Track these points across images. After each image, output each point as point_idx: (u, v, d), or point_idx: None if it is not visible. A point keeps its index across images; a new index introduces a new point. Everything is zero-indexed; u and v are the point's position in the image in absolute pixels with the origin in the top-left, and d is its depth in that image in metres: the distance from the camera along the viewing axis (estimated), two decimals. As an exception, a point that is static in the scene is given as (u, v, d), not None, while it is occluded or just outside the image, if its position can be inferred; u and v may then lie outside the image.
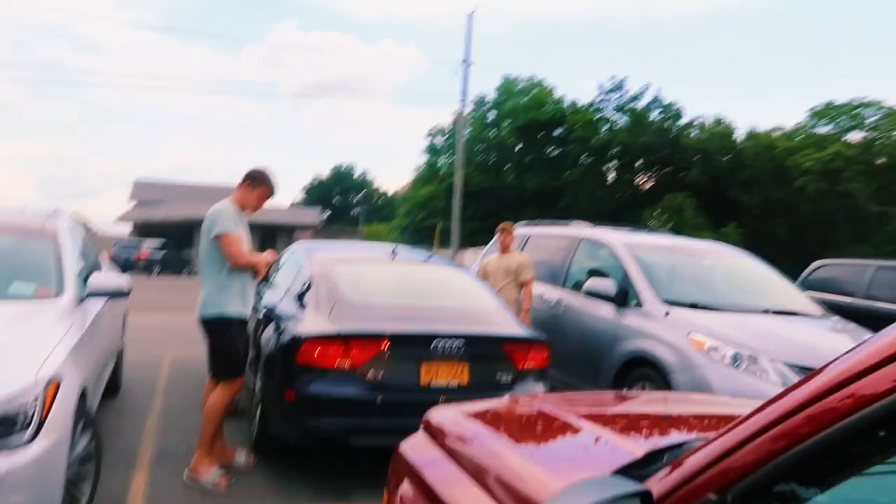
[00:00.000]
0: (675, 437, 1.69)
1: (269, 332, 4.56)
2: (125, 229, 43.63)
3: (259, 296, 5.57)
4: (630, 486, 1.05)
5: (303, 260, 5.15)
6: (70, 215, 4.96)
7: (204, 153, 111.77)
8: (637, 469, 1.38)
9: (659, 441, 1.62)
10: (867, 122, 38.44)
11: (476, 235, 37.19)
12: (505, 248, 6.65)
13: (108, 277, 4.26)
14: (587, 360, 5.75)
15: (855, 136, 38.66)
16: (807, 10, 77.05)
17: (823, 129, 39.69)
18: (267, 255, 4.37)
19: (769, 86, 78.24)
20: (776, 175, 37.17)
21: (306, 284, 4.73)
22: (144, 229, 40.11)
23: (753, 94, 76.09)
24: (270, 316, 4.75)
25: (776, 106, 78.41)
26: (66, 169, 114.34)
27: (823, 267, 9.22)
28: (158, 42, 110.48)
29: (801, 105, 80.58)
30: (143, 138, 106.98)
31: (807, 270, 9.30)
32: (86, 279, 4.14)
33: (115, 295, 4.23)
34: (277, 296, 5.21)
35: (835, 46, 75.12)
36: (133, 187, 51.14)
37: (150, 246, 31.16)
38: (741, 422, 1.04)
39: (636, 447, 1.54)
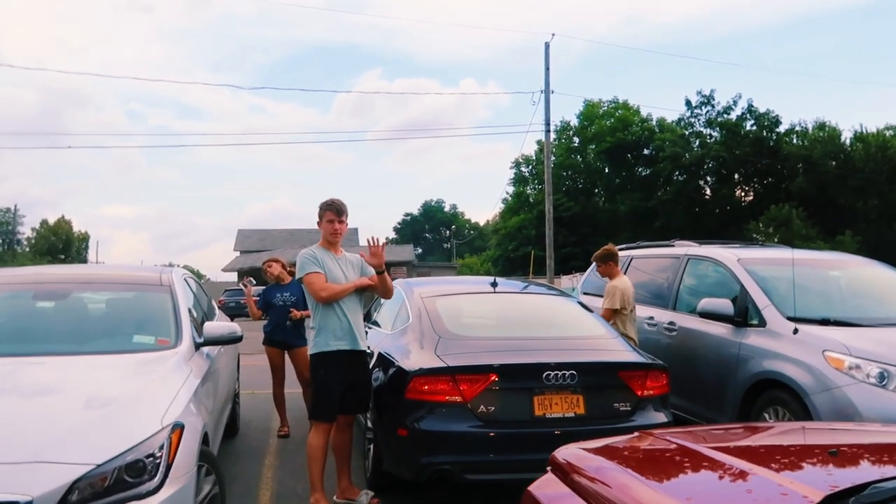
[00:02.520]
0: (853, 475, 1.46)
1: (377, 369, 4.54)
2: (232, 277, 45.98)
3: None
4: None
5: (404, 296, 5.13)
6: (182, 269, 5.18)
7: (299, 199, 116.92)
8: None
9: (833, 480, 1.41)
10: None
11: (570, 261, 36.56)
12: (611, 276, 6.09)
13: (221, 325, 4.39)
14: (708, 385, 5.38)
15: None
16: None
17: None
18: (352, 283, 4.27)
19: (871, 84, 73.58)
20: (892, 177, 34.53)
21: (410, 320, 4.70)
22: (249, 276, 42.05)
23: (855, 95, 71.71)
24: (376, 354, 4.74)
25: (882, 104, 73.50)
26: (177, 224, 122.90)
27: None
28: (252, 102, 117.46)
29: (911, 100, 74.95)
30: (244, 191, 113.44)
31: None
32: (200, 327, 4.28)
33: (229, 341, 4.34)
34: (382, 333, 5.21)
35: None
36: (236, 237, 54.00)
37: (256, 292, 32.54)
38: None
39: (810, 490, 1.33)
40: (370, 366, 4.57)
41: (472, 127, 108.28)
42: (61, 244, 69.16)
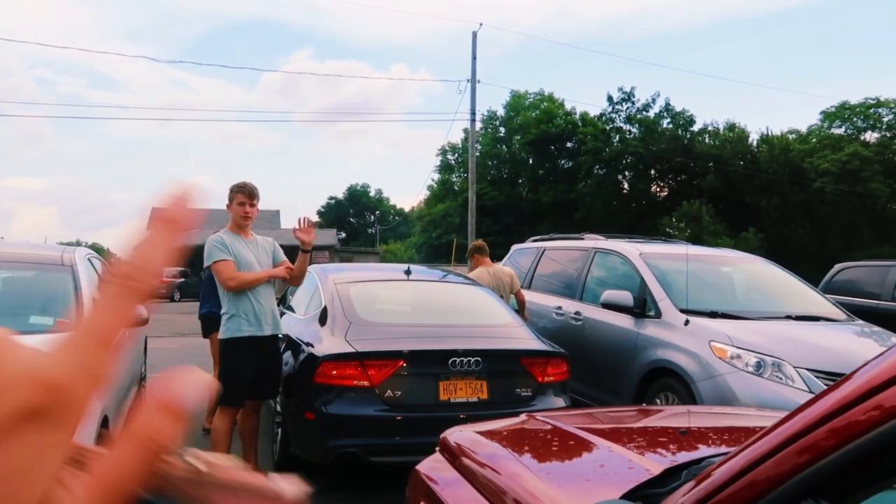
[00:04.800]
0: (695, 452, 1.66)
1: (287, 354, 4.58)
2: (145, 257, 44.17)
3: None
4: None
5: (318, 282, 5.17)
6: (86, 248, 5.02)
7: (220, 178, 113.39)
8: (654, 486, 1.35)
9: (677, 457, 1.60)
10: (884, 121, 38.03)
11: (493, 249, 37.02)
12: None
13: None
14: (607, 372, 5.69)
15: (871, 136, 38.27)
16: (809, 12, 77.01)
17: (839, 130, 39.31)
18: (264, 273, 4.25)
19: (778, 90, 78.10)
20: (793, 178, 36.82)
21: (323, 306, 4.75)
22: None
23: (763, 99, 75.91)
24: (288, 338, 4.77)
25: (786, 108, 78.10)
26: (88, 199, 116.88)
27: (845, 270, 9.07)
28: (173, 75, 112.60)
29: (812, 107, 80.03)
30: (162, 167, 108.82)
31: (829, 274, 9.16)
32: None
33: (133, 324, 4.26)
34: (295, 318, 5.23)
35: (842, 46, 74.86)
36: (150, 215, 51.84)
37: (169, 274, 31.47)
38: (765, 434, 1.01)
39: (653, 464, 1.52)
40: (281, 350, 4.60)
41: (398, 112, 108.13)
42: (-45, 217, 64.46)
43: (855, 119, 38.81)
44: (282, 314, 5.65)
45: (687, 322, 5.05)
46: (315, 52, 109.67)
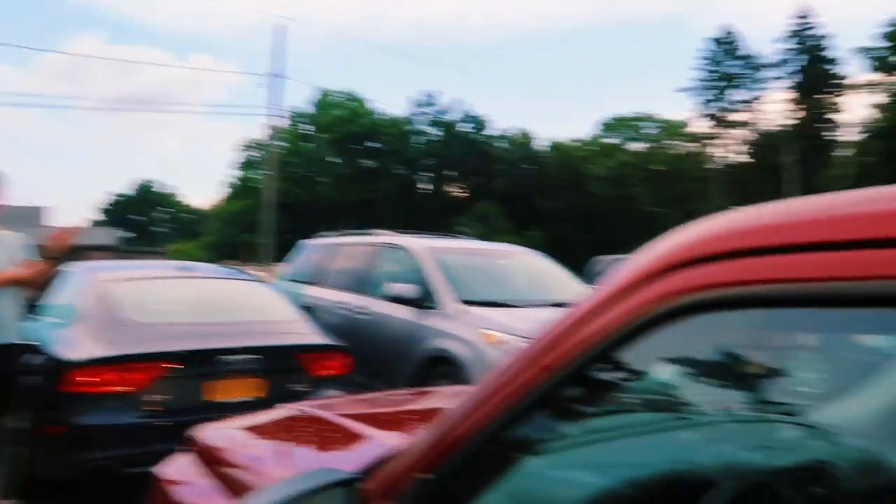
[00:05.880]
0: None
1: (33, 361, 4.06)
2: None
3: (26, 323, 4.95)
4: (337, 474, 1.05)
5: (80, 281, 4.68)
6: None
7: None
8: None
9: (412, 431, 1.65)
10: (647, 133, 43.42)
11: (293, 248, 36.31)
12: None
13: None
14: (391, 363, 5.80)
15: (637, 146, 43.50)
16: (592, 37, 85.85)
17: (614, 140, 44.18)
18: (5, 275, 3.74)
19: (565, 101, 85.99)
20: (575, 182, 40.62)
21: (82, 306, 4.30)
22: None
23: (555, 109, 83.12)
24: (35, 344, 4.23)
25: (573, 119, 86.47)
26: None
27: (600, 262, 10.38)
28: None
29: (592, 118, 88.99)
30: None
31: (588, 266, 10.44)
32: None
33: None
34: (47, 321, 4.66)
35: (617, 66, 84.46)
36: None
37: None
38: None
39: (398, 441, 1.55)
40: (24, 359, 4.06)
41: (195, 104, 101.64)
42: None
43: (625, 131, 43.82)
44: (32, 319, 5.02)
45: (463, 312, 5.32)
46: (108, 35, 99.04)
